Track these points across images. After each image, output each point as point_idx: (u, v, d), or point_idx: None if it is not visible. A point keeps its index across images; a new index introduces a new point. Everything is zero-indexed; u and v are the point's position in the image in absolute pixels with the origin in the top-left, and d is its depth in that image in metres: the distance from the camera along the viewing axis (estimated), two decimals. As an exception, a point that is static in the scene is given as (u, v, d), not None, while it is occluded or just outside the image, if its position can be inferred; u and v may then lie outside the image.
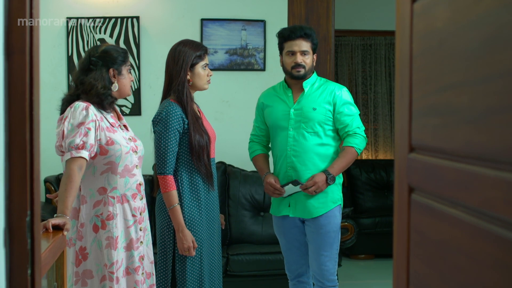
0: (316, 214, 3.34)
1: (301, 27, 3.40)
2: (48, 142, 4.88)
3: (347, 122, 3.34)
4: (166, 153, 3.05)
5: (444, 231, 1.11)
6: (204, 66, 3.16)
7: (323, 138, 3.33)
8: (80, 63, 2.87)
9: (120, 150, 2.78)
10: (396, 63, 1.35)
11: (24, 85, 1.30)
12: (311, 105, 3.34)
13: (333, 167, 3.31)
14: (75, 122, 2.68)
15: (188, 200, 3.10)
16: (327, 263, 3.36)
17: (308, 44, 3.35)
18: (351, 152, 3.33)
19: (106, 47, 2.87)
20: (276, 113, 3.41)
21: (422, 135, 1.20)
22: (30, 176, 1.32)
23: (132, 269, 2.84)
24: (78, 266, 2.75)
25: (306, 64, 3.35)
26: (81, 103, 2.73)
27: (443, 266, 1.11)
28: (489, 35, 0.94)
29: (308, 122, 3.32)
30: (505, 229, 0.89)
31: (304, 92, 3.39)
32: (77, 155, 2.64)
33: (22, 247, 1.31)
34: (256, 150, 3.57)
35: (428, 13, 1.17)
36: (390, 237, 6.78)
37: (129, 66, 2.93)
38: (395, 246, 1.36)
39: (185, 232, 3.03)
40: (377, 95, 7.56)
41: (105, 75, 2.81)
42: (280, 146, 3.38)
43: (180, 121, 3.06)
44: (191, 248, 3.03)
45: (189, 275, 3.08)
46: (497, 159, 0.92)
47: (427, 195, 1.19)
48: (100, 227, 2.77)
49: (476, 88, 0.97)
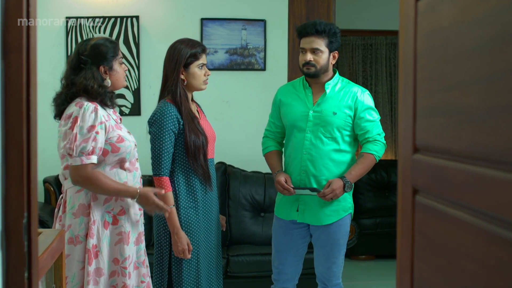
0: (327, 222, 3.26)
1: (314, 23, 3.23)
2: (48, 143, 4.88)
3: (367, 128, 3.24)
4: (161, 154, 3.03)
5: (450, 234, 1.09)
6: (201, 66, 3.11)
7: (341, 143, 3.24)
8: (70, 61, 2.83)
9: (130, 147, 2.80)
10: (399, 62, 1.33)
11: (21, 85, 1.28)
12: (332, 109, 3.23)
13: (351, 174, 3.22)
14: (86, 125, 2.67)
15: (184, 202, 3.08)
16: (334, 269, 3.31)
17: (321, 41, 3.20)
18: (370, 159, 3.25)
19: (95, 43, 2.82)
20: (294, 113, 3.30)
21: (426, 135, 1.18)
22: (27, 177, 1.30)
23: (140, 262, 2.87)
24: (90, 265, 2.73)
25: (317, 63, 3.21)
26: (90, 104, 2.71)
27: (449, 270, 1.09)
28: (494, 34, 0.92)
29: (327, 127, 3.22)
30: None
31: (325, 93, 3.27)
32: (88, 161, 2.67)
33: (19, 250, 1.29)
34: (269, 146, 3.47)
35: (432, 11, 1.15)
36: (391, 238, 6.80)
37: (121, 58, 2.88)
38: (399, 249, 1.34)
39: (180, 234, 3.01)
40: (377, 95, 7.54)
41: (96, 74, 2.78)
42: (295, 147, 3.28)
43: (175, 121, 3.03)
44: (185, 251, 3.01)
45: (185, 277, 3.06)
46: (504, 160, 0.90)
47: (432, 196, 1.17)
48: (110, 223, 2.78)
49: (482, 87, 0.95)
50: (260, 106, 5.06)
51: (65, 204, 2.80)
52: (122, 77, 2.89)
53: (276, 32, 5.12)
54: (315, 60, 3.21)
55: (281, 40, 5.12)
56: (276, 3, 5.12)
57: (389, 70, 7.54)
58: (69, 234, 2.75)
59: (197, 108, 3.25)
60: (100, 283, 2.75)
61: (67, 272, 2.75)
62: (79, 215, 2.75)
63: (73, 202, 2.77)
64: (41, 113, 5.40)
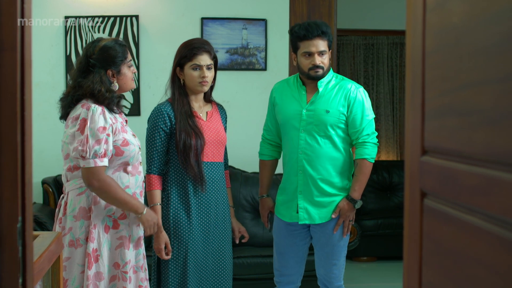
0: (326, 219, 3.24)
1: (316, 24, 3.17)
2: (46, 143, 4.85)
3: (358, 127, 3.20)
4: (151, 152, 3.07)
5: (460, 239, 1.05)
6: (195, 67, 3.07)
7: (336, 141, 3.20)
8: (78, 63, 2.81)
9: (134, 151, 2.79)
10: (406, 61, 1.29)
11: (15, 84, 1.23)
12: (325, 107, 3.19)
13: (355, 190, 3.21)
14: (96, 127, 2.65)
15: (175, 202, 3.08)
16: (335, 270, 3.28)
17: (325, 42, 3.16)
18: (365, 165, 3.20)
19: (104, 45, 2.79)
20: (287, 111, 3.26)
21: (436, 137, 1.14)
22: (22, 180, 1.26)
23: (138, 267, 2.85)
24: (90, 269, 2.70)
25: (325, 65, 3.17)
26: (98, 107, 2.69)
27: (460, 278, 1.05)
28: (510, 30, 0.87)
29: (320, 125, 3.18)
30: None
31: (318, 92, 3.23)
32: (101, 164, 2.66)
33: (13, 255, 1.24)
34: (264, 155, 3.48)
35: (442, 7, 1.10)
36: (393, 239, 6.79)
37: (130, 62, 2.86)
38: (406, 254, 1.30)
39: (159, 234, 3.01)
40: (379, 95, 7.51)
41: (104, 77, 2.75)
42: (290, 147, 3.26)
43: (166, 120, 3.05)
44: (161, 251, 3.02)
45: (171, 278, 3.06)
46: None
47: (441, 200, 1.12)
48: (111, 227, 2.77)
49: (498, 87, 0.91)
50: (261, 106, 5.01)
51: (66, 206, 2.77)
52: (130, 80, 2.87)
53: (277, 32, 5.08)
54: (322, 62, 3.17)
55: (282, 39, 5.08)
56: (277, 2, 5.08)
57: (390, 70, 7.50)
58: (69, 236, 2.73)
59: (212, 109, 3.22)
60: (100, 287, 2.72)
61: (68, 275, 2.74)
62: (80, 218, 2.73)
63: (73, 205, 2.74)
64: (40, 114, 5.36)
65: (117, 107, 2.81)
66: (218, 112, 3.26)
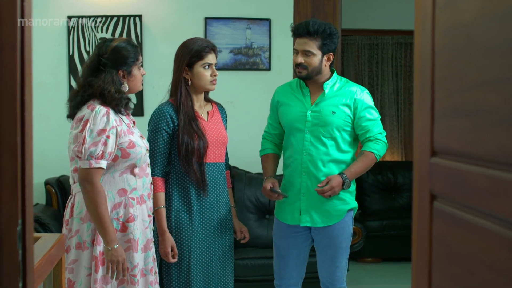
0: (329, 223, 3.20)
1: (307, 23, 3.12)
2: (48, 144, 4.83)
3: (368, 127, 3.17)
4: (154, 154, 3.02)
5: (471, 243, 1.02)
6: (206, 66, 3.04)
7: (341, 143, 3.17)
8: (90, 62, 2.79)
9: (141, 153, 2.75)
10: (415, 60, 1.26)
11: (15, 84, 1.21)
12: (330, 108, 3.16)
13: (350, 171, 3.15)
14: (96, 128, 2.62)
15: (177, 204, 3.05)
16: (338, 273, 3.25)
17: (312, 43, 3.10)
18: (371, 157, 3.17)
19: (117, 45, 2.76)
20: (292, 114, 3.23)
21: (446, 138, 1.11)
22: (22, 181, 1.23)
23: (147, 270, 2.82)
24: (97, 272, 2.68)
25: (309, 65, 3.12)
26: (102, 108, 2.66)
27: (471, 282, 1.02)
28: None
29: (326, 127, 3.15)
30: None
31: (324, 93, 3.20)
32: (97, 165, 2.62)
33: (13, 259, 1.22)
34: (266, 149, 3.41)
35: (453, 5, 1.07)
36: (397, 240, 6.76)
37: (140, 63, 2.84)
38: (415, 257, 1.27)
39: (164, 236, 2.98)
40: (383, 95, 7.48)
41: (116, 77, 2.73)
42: (295, 149, 3.21)
43: (169, 121, 3.01)
44: (168, 254, 2.98)
45: (175, 281, 3.04)
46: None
47: (451, 203, 1.10)
48: (118, 230, 2.73)
49: (510, 87, 0.88)
50: (265, 106, 4.97)
51: (73, 208, 2.75)
52: (139, 82, 2.86)
53: (281, 32, 5.05)
54: (307, 62, 3.13)
55: (286, 39, 5.03)
56: (281, 2, 5.06)
57: (395, 71, 7.47)
58: (77, 239, 2.72)
59: (212, 109, 3.19)
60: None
61: (75, 277, 2.72)
62: (87, 221, 2.70)
63: (81, 207, 2.72)
64: (42, 114, 5.34)
65: (125, 108, 2.79)
66: (218, 112, 3.23)
